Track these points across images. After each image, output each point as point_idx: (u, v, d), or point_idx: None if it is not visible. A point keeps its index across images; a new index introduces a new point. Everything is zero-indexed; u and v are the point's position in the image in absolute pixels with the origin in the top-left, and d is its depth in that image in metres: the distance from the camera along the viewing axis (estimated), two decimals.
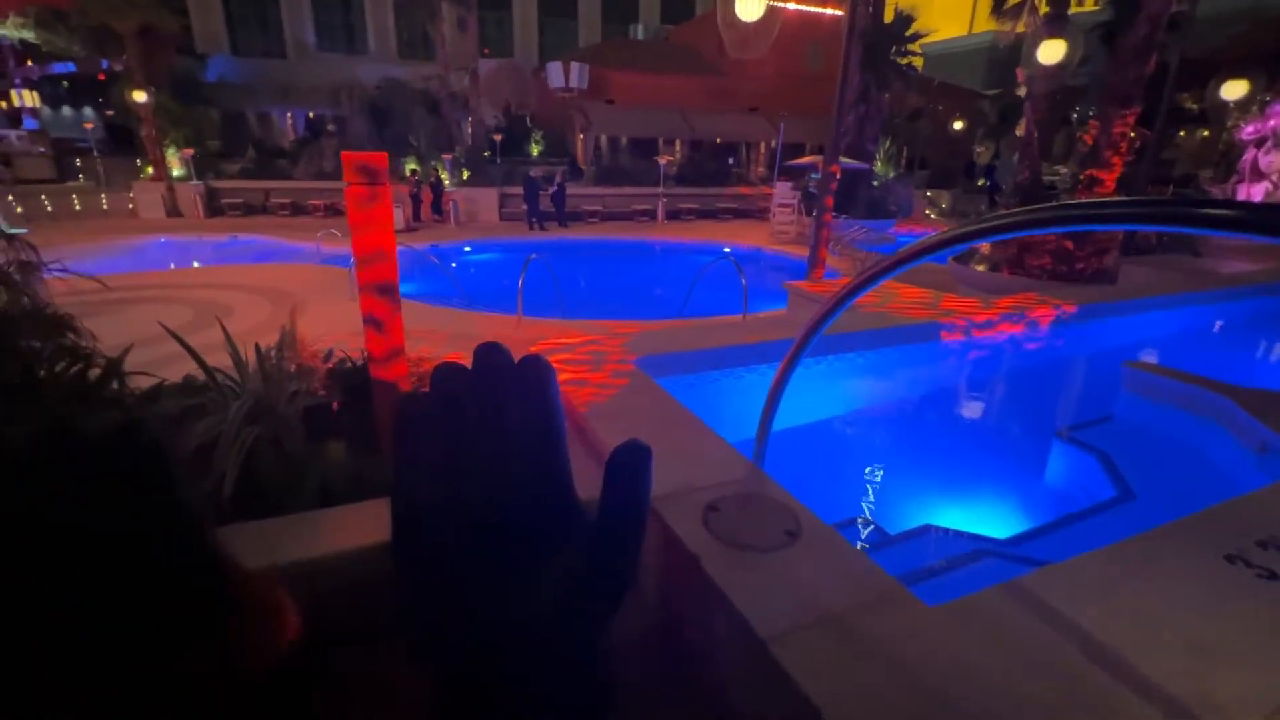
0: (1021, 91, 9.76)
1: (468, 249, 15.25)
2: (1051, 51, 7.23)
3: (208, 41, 28.10)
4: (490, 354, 0.41)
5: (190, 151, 18.03)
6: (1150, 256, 7.85)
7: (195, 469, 1.80)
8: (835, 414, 3.73)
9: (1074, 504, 3.14)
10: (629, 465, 0.37)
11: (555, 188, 18.32)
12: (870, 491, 3.27)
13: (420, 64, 26.45)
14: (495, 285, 11.11)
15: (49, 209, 17.34)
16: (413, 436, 0.39)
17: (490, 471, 0.39)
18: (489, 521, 0.38)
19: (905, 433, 3.97)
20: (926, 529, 2.83)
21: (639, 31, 34.69)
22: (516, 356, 0.42)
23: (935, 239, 1.46)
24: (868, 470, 3.42)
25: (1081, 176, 7.77)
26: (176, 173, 18.48)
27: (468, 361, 0.41)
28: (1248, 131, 17.23)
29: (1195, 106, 22.79)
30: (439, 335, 6.92)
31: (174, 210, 18.00)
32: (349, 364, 2.71)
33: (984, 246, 9.41)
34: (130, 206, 18.18)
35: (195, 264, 12.99)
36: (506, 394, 0.39)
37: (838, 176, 5.55)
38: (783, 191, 17.01)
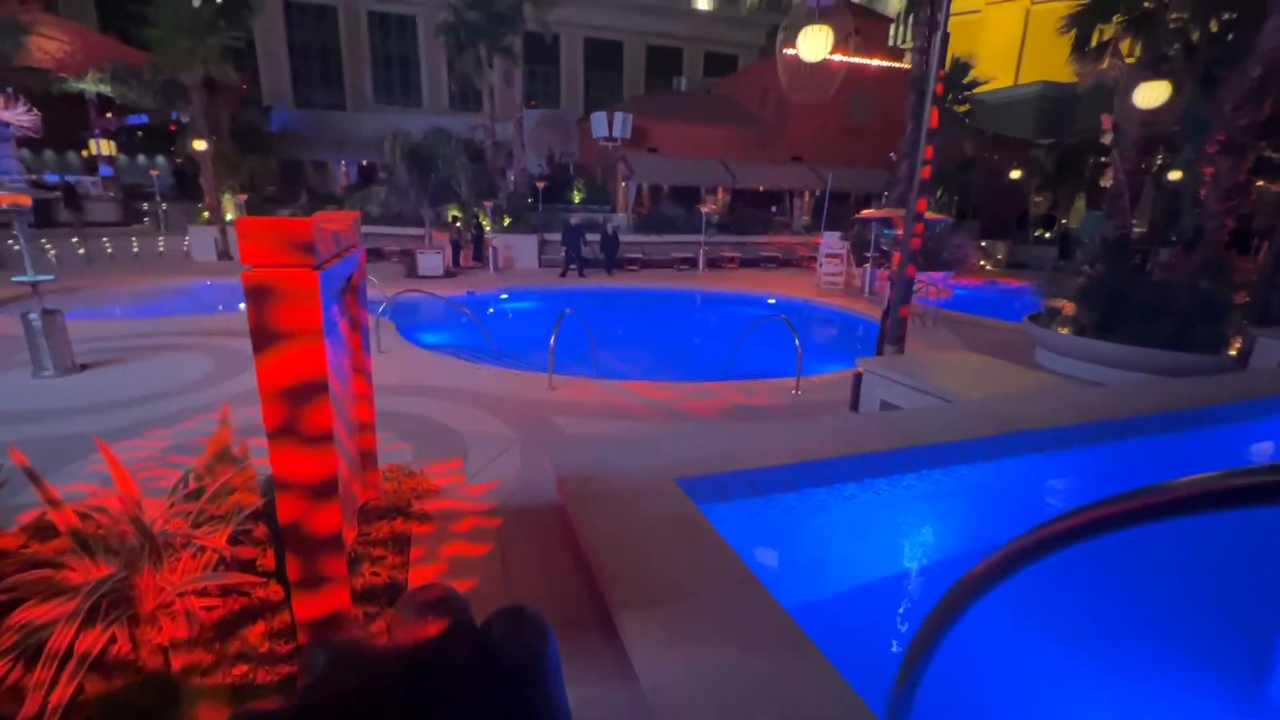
0: (1108, 139, 8.95)
1: (504, 296, 14.97)
2: (1153, 94, 6.45)
3: (273, 95, 29.81)
4: (442, 650, 0.32)
5: (244, 196, 18.57)
6: (1274, 328, 6.79)
7: None
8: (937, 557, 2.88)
9: None
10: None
11: (608, 235, 18.18)
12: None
13: (469, 115, 27.27)
14: (530, 335, 10.64)
15: (109, 250, 17.97)
16: None
17: None
18: None
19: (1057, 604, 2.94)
20: None
21: (682, 84, 35.24)
22: (546, 423, 0.27)
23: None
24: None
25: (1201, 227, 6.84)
26: (230, 216, 19.06)
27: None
28: None
29: (1277, 155, 21.41)
30: (461, 402, 6.35)
31: (225, 253, 18.45)
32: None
33: (1065, 305, 8.46)
34: (185, 249, 18.74)
35: (220, 307, 12.99)
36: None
37: (919, 234, 4.84)
38: (830, 241, 16.35)
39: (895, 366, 3.83)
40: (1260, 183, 23.47)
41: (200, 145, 17.58)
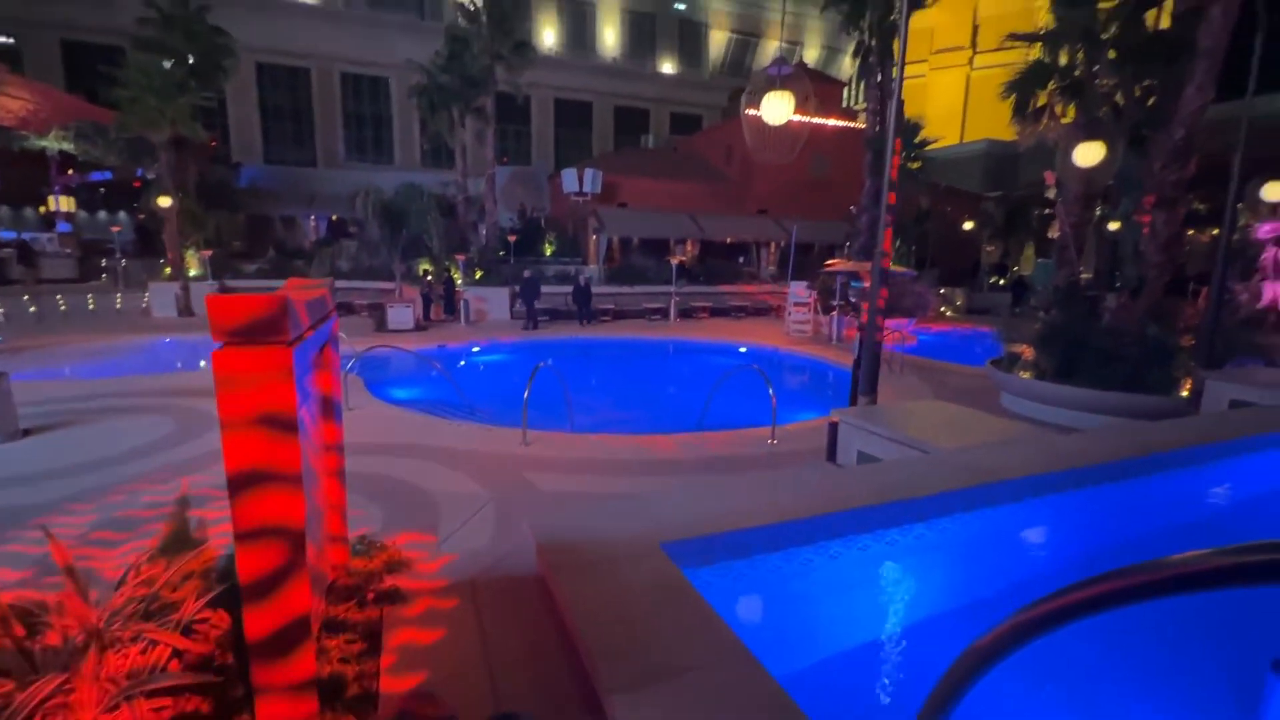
0: (1052, 194, 9.51)
1: (476, 349, 14.85)
2: (1089, 154, 6.94)
3: (244, 152, 29.88)
4: None
5: (209, 252, 18.31)
6: (1221, 370, 7.14)
7: None
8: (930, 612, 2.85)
9: None
10: None
11: (580, 286, 18.32)
12: None
13: (441, 171, 27.70)
14: (502, 390, 10.51)
15: (63, 308, 17.39)
16: None
17: None
18: None
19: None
20: None
21: (649, 142, 36.55)
22: (522, 482, 0.26)
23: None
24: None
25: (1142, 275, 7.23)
26: (194, 272, 18.71)
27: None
28: (1264, 230, 17.09)
29: (1203, 207, 22.98)
30: (433, 460, 6.18)
31: (186, 310, 17.99)
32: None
33: (1026, 350, 8.77)
34: (144, 305, 18.25)
35: (179, 365, 12.59)
36: None
37: (885, 287, 5.00)
38: (797, 291, 16.78)
39: (870, 417, 3.87)
40: (1191, 232, 25.15)
41: (165, 202, 17.39)
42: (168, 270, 18.60)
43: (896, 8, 18.35)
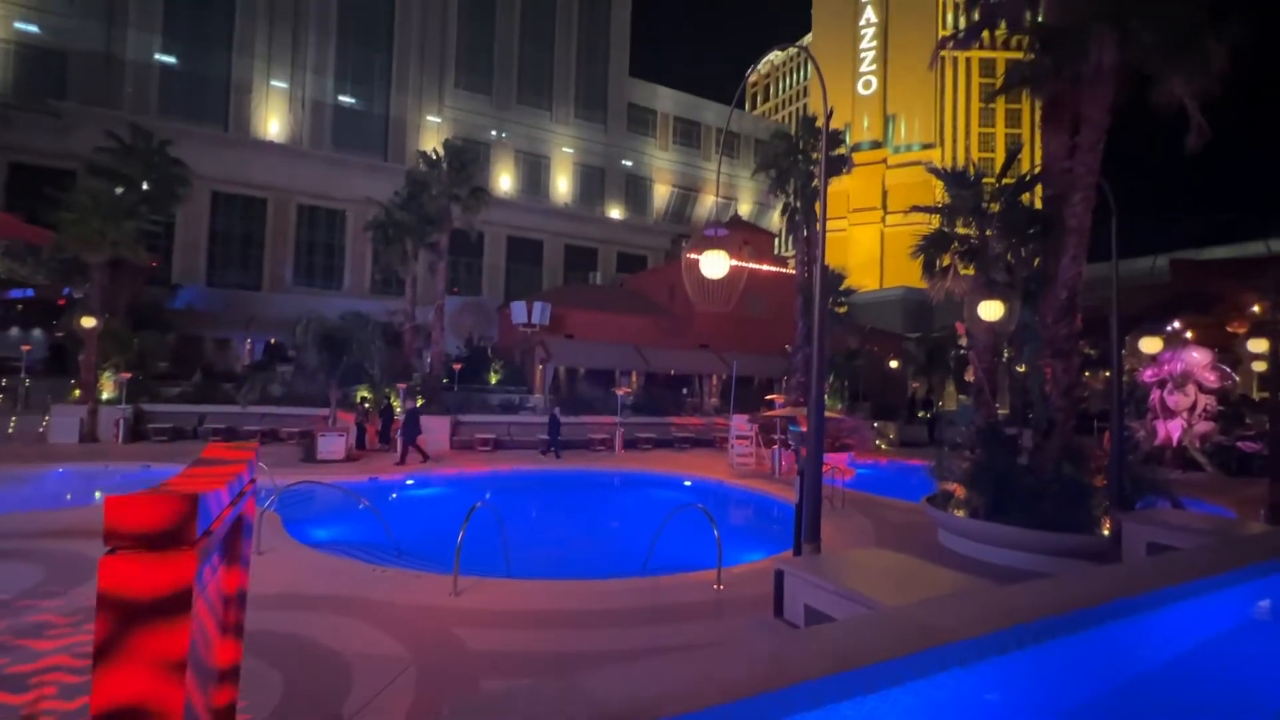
0: (963, 342, 10.42)
1: (410, 482, 14.12)
2: (991, 310, 7.77)
3: (186, 274, 29.36)
4: None
5: (128, 375, 17.30)
6: (1135, 511, 7.59)
7: None
8: None
9: None
10: None
11: (554, 417, 18.27)
12: None
13: (390, 299, 27.98)
14: (437, 528, 9.87)
15: None
16: None
17: None
18: None
19: None
20: None
21: (597, 278, 38.56)
22: (448, 639, 0.25)
23: None
24: None
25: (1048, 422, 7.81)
26: (106, 395, 17.49)
27: None
28: (1148, 375, 19.11)
29: (1094, 352, 25.60)
30: (349, 614, 5.58)
31: (90, 436, 16.58)
32: None
33: (958, 489, 9.08)
34: (42, 429, 16.73)
35: (69, 497, 11.36)
36: None
37: (822, 430, 5.19)
38: (739, 424, 17.13)
39: (815, 569, 3.82)
40: (1088, 374, 27.81)
41: (89, 322, 16.63)
42: (76, 393, 17.34)
43: (816, 175, 20.95)
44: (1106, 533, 7.82)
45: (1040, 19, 9.30)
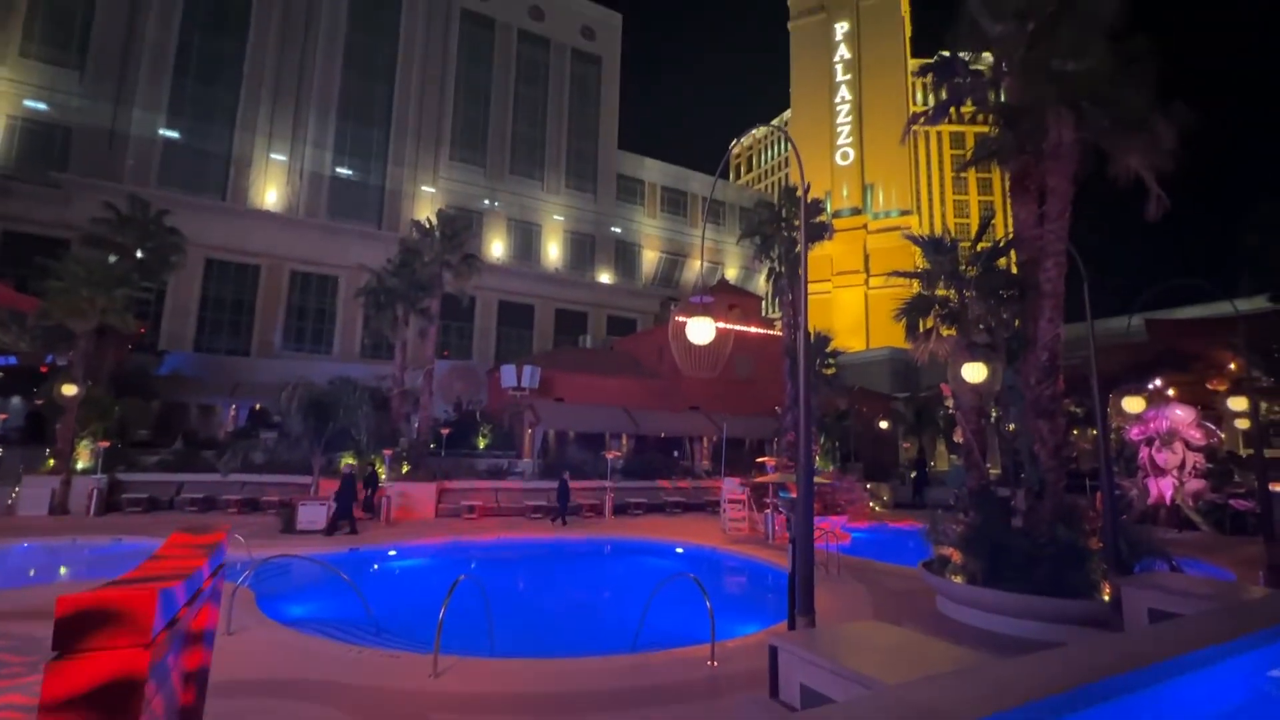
0: (950, 403, 10.49)
1: (393, 553, 13.64)
2: (975, 372, 7.88)
3: (174, 340, 29.24)
4: None
5: (106, 444, 16.89)
6: (1133, 575, 7.44)
7: None
8: None
9: None
10: None
11: (564, 483, 18.09)
12: None
13: (380, 363, 27.91)
14: (419, 601, 9.47)
15: None
16: None
17: None
18: None
19: None
20: None
21: (587, 342, 38.86)
22: None
23: None
24: None
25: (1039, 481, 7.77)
26: (82, 465, 17.00)
27: None
28: (1135, 433, 19.23)
29: (1079, 410, 25.81)
30: (318, 701, 5.26)
31: (60, 508, 15.99)
32: None
33: (954, 553, 8.90)
34: (10, 501, 16.11)
35: (32, 573, 10.85)
36: None
37: (813, 496, 5.12)
38: (730, 487, 16.88)
39: (811, 645, 3.68)
40: (1075, 432, 27.91)
41: (70, 390, 16.36)
42: (50, 462, 16.85)
43: (799, 241, 21.60)
44: (1106, 598, 7.64)
45: (1003, 98, 9.93)
